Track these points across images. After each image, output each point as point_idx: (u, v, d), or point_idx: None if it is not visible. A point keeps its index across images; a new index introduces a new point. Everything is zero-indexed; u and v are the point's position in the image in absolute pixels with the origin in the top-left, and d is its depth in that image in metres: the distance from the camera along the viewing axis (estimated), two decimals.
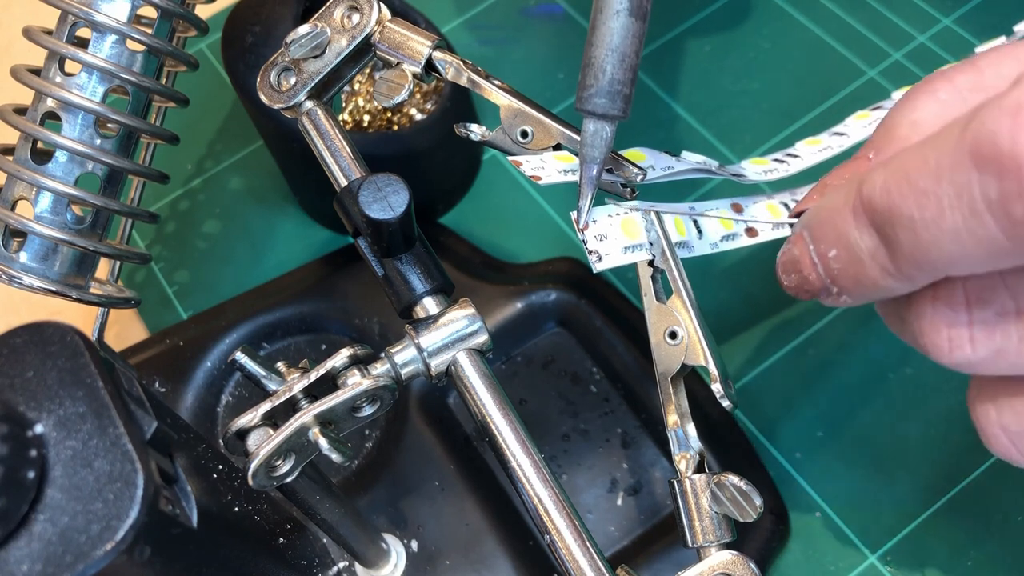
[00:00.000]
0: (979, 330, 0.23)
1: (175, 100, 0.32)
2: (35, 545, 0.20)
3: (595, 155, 0.27)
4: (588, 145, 0.27)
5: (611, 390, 0.41)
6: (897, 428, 0.39)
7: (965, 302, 0.23)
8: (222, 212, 0.48)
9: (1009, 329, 0.22)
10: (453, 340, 0.27)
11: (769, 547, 0.36)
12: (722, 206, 0.32)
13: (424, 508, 0.37)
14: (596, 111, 0.26)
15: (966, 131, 0.20)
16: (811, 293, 0.27)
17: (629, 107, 0.26)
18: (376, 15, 0.30)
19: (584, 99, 0.26)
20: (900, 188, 0.21)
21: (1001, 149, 0.19)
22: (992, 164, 0.19)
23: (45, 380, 0.22)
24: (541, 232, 0.46)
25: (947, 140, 0.20)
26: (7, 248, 0.29)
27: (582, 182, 0.27)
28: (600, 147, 0.27)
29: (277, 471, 0.26)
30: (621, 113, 0.26)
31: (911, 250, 0.22)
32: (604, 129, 0.26)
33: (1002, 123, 0.19)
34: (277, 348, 0.43)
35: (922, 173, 0.21)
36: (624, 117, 0.26)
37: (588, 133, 0.26)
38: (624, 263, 0.28)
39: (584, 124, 0.27)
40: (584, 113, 0.26)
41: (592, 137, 0.26)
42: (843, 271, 0.25)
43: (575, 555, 0.25)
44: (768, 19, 0.51)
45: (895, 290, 0.24)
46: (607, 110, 0.26)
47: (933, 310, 0.23)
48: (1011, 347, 0.22)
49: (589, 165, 0.27)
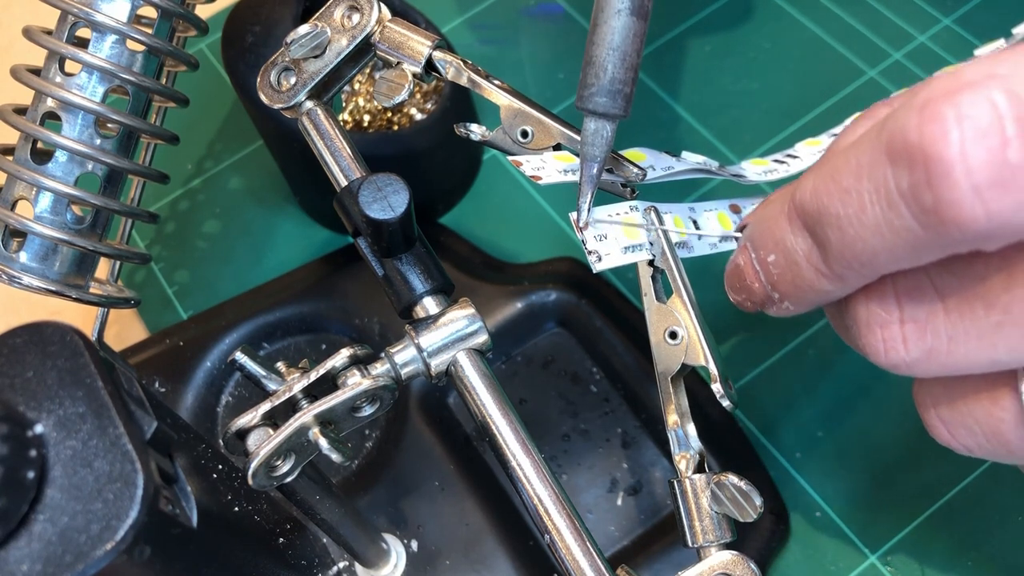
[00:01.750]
0: (911, 330, 0.24)
1: (175, 100, 0.32)
2: (35, 545, 0.20)
3: (596, 154, 0.27)
4: (589, 144, 0.27)
5: (611, 390, 0.41)
6: (897, 428, 0.39)
7: (896, 301, 0.24)
8: (222, 212, 0.48)
9: (939, 328, 0.23)
10: (453, 340, 0.27)
11: (769, 547, 0.36)
12: (721, 207, 0.32)
13: (424, 508, 0.37)
14: (597, 110, 0.26)
15: (882, 130, 0.21)
16: (756, 303, 0.28)
17: (630, 106, 0.26)
18: (376, 15, 0.30)
19: (585, 98, 0.26)
20: (827, 188, 0.23)
21: (910, 142, 0.20)
22: (903, 157, 0.20)
23: (45, 380, 0.22)
24: (541, 232, 0.46)
25: (867, 140, 0.22)
26: (7, 248, 0.29)
27: (582, 181, 0.27)
28: (601, 146, 0.27)
29: (277, 471, 0.26)
30: (622, 112, 0.26)
31: (839, 248, 0.23)
32: (605, 128, 0.26)
33: (911, 118, 0.20)
34: (277, 348, 0.43)
35: (845, 173, 0.22)
36: (625, 116, 0.26)
37: (588, 132, 0.27)
38: (624, 263, 0.28)
39: (584, 123, 0.27)
40: (585, 112, 0.26)
41: (593, 136, 0.27)
42: (781, 275, 0.26)
43: (575, 555, 0.25)
44: (768, 19, 0.51)
45: (831, 293, 0.25)
46: (608, 109, 0.26)
47: (867, 311, 0.24)
48: (941, 347, 0.23)
49: (590, 164, 0.27)
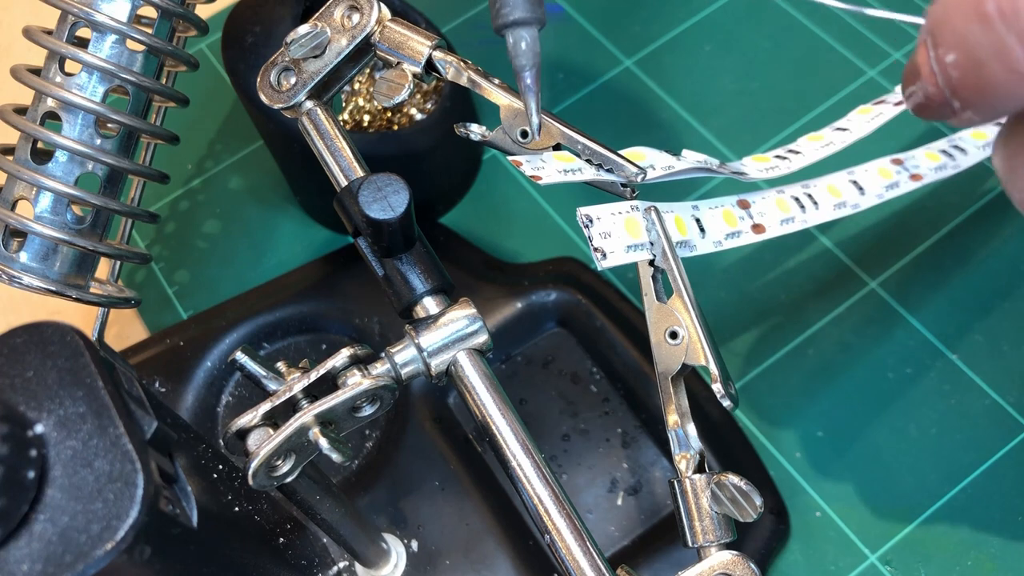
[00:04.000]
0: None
1: (175, 100, 0.32)
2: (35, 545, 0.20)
3: (523, 63, 0.28)
4: (514, 57, 0.28)
5: (611, 390, 0.41)
6: (897, 428, 0.39)
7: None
8: (222, 212, 0.48)
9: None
10: (453, 340, 0.27)
11: (769, 547, 0.36)
12: (727, 203, 0.32)
13: (424, 508, 0.37)
14: (507, 22, 0.27)
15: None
16: (932, 110, 0.23)
17: (541, 9, 0.28)
18: (376, 15, 0.30)
19: (497, 18, 0.28)
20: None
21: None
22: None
23: (45, 380, 0.22)
24: (541, 232, 0.46)
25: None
26: (7, 248, 0.29)
27: (522, 95, 0.28)
28: (526, 54, 0.28)
29: (277, 471, 0.26)
30: (530, 15, 0.27)
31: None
32: (523, 36, 0.28)
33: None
34: (277, 348, 0.43)
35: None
36: (538, 21, 0.28)
37: (510, 46, 0.28)
38: (626, 262, 0.28)
39: (506, 40, 0.28)
40: (502, 31, 0.28)
41: (514, 48, 0.28)
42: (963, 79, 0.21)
43: (575, 555, 0.25)
44: (768, 19, 0.51)
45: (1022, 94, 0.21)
46: (518, 16, 0.27)
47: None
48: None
49: (523, 76, 0.28)
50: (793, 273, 0.43)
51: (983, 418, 0.39)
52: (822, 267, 0.43)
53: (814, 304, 0.42)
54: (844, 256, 0.43)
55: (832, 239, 0.44)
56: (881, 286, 0.42)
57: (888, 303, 0.42)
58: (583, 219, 0.28)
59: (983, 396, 0.39)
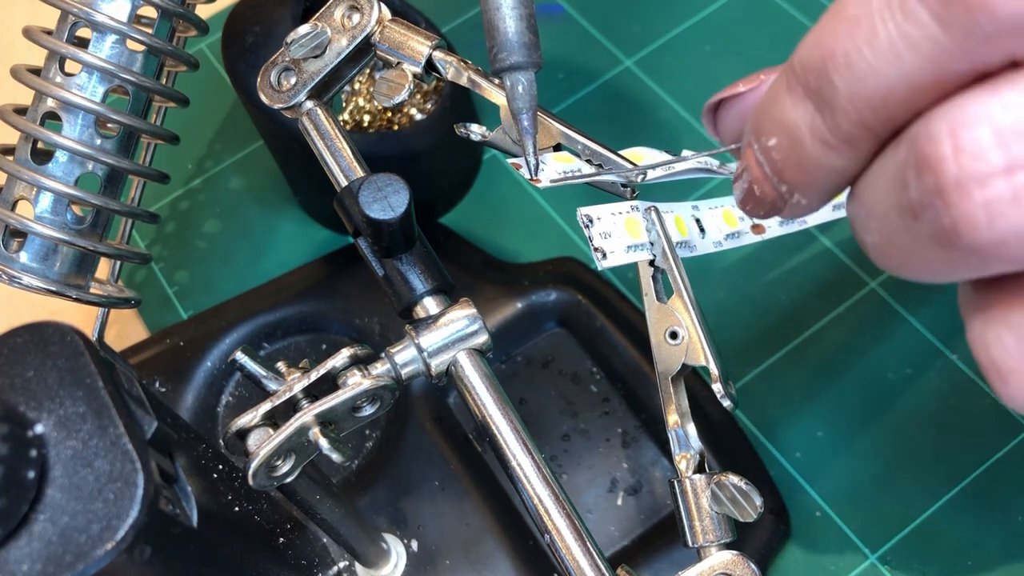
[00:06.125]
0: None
1: (175, 100, 0.32)
2: (35, 545, 0.20)
3: (520, 106, 0.29)
4: (512, 100, 0.29)
5: (611, 390, 0.41)
6: (897, 428, 0.39)
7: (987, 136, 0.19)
8: (222, 212, 0.48)
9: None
10: (453, 340, 0.27)
11: (769, 547, 0.36)
12: (726, 203, 0.32)
13: (424, 508, 0.37)
14: (504, 66, 0.28)
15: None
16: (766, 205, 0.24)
17: (537, 53, 0.28)
18: (376, 15, 0.30)
19: (495, 62, 0.28)
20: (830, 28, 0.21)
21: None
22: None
23: (45, 380, 0.22)
24: (541, 232, 0.46)
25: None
26: (7, 248, 0.29)
27: (520, 135, 0.29)
28: (523, 98, 0.28)
29: (277, 471, 0.26)
30: (527, 59, 0.28)
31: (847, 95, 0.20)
32: (519, 80, 0.28)
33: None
34: (277, 348, 0.43)
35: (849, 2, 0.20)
36: (535, 63, 0.28)
37: (507, 89, 0.29)
38: (627, 262, 0.28)
39: (504, 83, 0.29)
40: (500, 74, 0.28)
41: (511, 91, 0.28)
42: (785, 159, 0.23)
43: (575, 555, 0.25)
44: (768, 19, 0.51)
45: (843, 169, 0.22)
46: (515, 61, 0.28)
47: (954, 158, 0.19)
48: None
49: (520, 118, 0.29)
50: (793, 273, 0.43)
51: (983, 418, 0.39)
52: (822, 267, 0.43)
53: (814, 304, 0.42)
54: (844, 256, 0.43)
55: (832, 239, 0.44)
56: (881, 286, 0.42)
57: (888, 303, 0.42)
58: (583, 219, 0.28)
59: (983, 396, 0.39)
